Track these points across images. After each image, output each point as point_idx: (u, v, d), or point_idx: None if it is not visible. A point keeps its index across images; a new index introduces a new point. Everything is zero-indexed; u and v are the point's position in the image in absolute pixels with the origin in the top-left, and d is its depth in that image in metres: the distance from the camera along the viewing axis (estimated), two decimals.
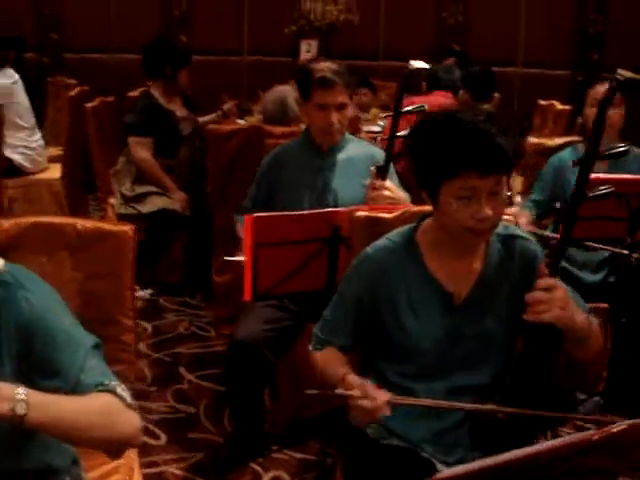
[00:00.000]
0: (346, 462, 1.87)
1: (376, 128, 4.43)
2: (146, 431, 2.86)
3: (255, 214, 2.16)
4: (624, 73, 1.52)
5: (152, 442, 2.81)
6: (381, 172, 2.43)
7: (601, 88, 3.02)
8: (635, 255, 2.88)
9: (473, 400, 1.78)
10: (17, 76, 4.75)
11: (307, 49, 4.54)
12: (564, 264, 3.09)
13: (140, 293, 4.09)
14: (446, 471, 0.99)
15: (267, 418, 2.79)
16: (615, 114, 2.99)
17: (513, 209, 3.05)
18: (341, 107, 2.62)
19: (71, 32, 5.80)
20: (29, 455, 1.51)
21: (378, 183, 2.46)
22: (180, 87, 4.18)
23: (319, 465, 2.61)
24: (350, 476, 1.84)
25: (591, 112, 3.02)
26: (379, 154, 2.70)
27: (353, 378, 1.66)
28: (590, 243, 2.69)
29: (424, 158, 1.70)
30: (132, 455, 1.91)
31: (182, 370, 3.36)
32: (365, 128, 4.27)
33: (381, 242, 1.84)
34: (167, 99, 4.13)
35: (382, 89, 5.53)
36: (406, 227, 1.84)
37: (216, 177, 3.49)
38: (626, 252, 2.80)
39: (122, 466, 1.87)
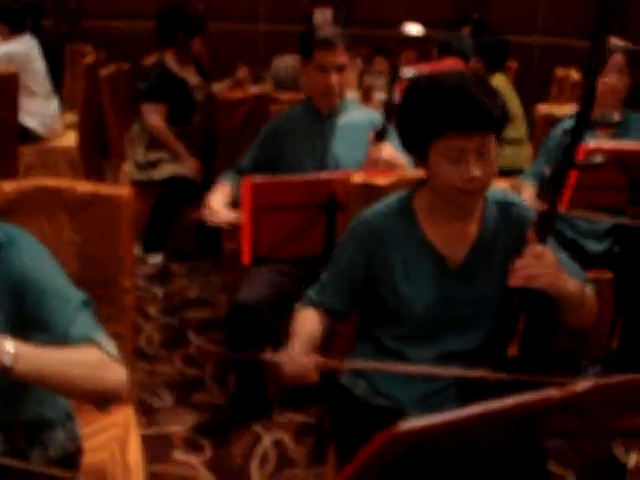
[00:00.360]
0: (334, 422, 1.91)
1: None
2: (152, 393, 2.95)
3: (255, 179, 2.18)
4: (617, 42, 1.51)
5: (157, 404, 2.88)
6: (380, 137, 2.45)
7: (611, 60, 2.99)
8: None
9: (463, 364, 1.81)
10: (34, 43, 4.79)
11: (321, 16, 4.53)
12: (568, 232, 3.10)
13: (152, 259, 4.16)
14: (407, 423, 1.02)
15: (269, 381, 2.84)
16: (616, 81, 2.95)
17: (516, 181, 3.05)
18: (340, 69, 2.65)
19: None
20: (24, 407, 1.57)
21: (376, 148, 2.48)
22: (193, 54, 4.19)
23: (317, 428, 2.66)
24: (338, 435, 1.89)
25: (603, 81, 2.99)
26: (379, 119, 2.71)
27: (295, 343, 1.72)
28: (580, 214, 2.69)
29: (411, 121, 1.72)
30: (129, 411, 1.98)
31: (190, 334, 3.42)
32: (377, 95, 4.26)
33: (377, 207, 1.86)
34: (180, 66, 4.15)
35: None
36: (403, 193, 1.86)
37: (225, 144, 3.51)
38: (629, 222, 2.82)
39: (118, 422, 1.93)
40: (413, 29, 2.41)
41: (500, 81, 4.29)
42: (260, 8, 5.72)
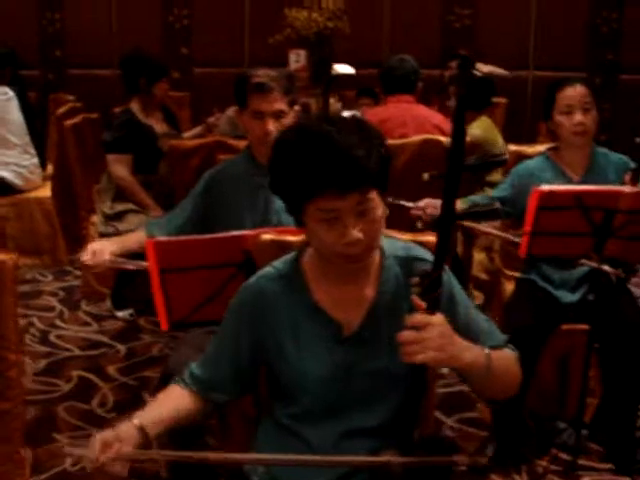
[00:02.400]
0: None
1: None
2: None
3: (157, 239, 2.01)
4: (482, 67, 1.32)
5: None
6: None
7: (572, 92, 2.79)
8: (615, 272, 2.66)
9: (370, 443, 1.61)
10: (12, 93, 4.73)
11: (296, 59, 4.41)
12: (539, 282, 2.87)
13: (119, 314, 4.01)
14: None
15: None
16: (582, 119, 2.74)
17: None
18: (278, 115, 2.48)
19: (74, 49, 5.79)
20: None
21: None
22: (158, 101, 4.07)
23: None
24: None
25: (563, 118, 2.78)
26: None
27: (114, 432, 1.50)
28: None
29: (280, 182, 1.54)
30: None
31: (146, 395, 3.24)
32: None
33: (264, 269, 1.68)
34: (145, 114, 4.03)
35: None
36: (291, 253, 1.68)
37: (181, 193, 3.35)
38: (607, 268, 2.58)
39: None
40: (343, 69, 2.24)
41: (483, 124, 4.09)
42: (245, 52, 5.64)
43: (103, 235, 3.92)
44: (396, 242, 1.67)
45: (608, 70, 5.38)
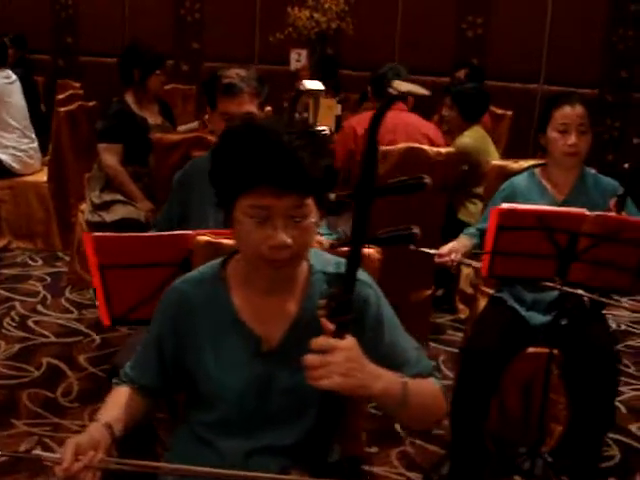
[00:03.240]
0: None
1: None
2: (47, 449, 2.73)
3: (96, 234, 1.98)
4: (398, 86, 1.26)
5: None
6: None
7: (570, 111, 2.65)
8: (588, 296, 2.58)
9: (283, 462, 1.56)
10: (14, 77, 4.75)
11: (297, 58, 4.37)
12: (510, 302, 2.80)
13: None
14: None
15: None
16: (576, 141, 2.62)
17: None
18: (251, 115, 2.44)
19: (86, 36, 5.81)
20: None
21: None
22: (152, 93, 4.03)
23: None
24: None
25: (556, 136, 2.66)
26: None
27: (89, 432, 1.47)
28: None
29: (219, 170, 1.49)
30: None
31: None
32: None
33: (190, 273, 1.64)
34: (140, 106, 4.00)
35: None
36: (218, 259, 1.63)
37: (163, 188, 3.33)
38: (580, 292, 2.51)
39: None
40: (311, 85, 2.20)
41: (475, 134, 4.02)
42: (255, 48, 5.61)
43: (90, 223, 3.92)
44: (328, 258, 1.61)
45: (620, 88, 5.25)
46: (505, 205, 2.23)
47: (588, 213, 2.22)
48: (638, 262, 2.32)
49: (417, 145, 3.30)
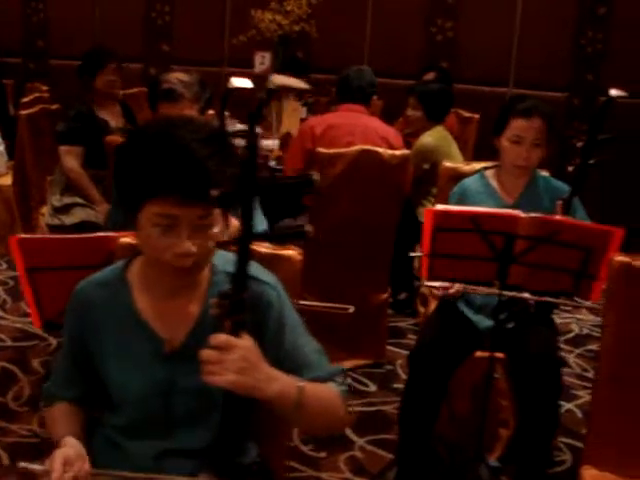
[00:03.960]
0: None
1: (271, 143, 4.16)
2: None
3: (22, 235, 1.96)
4: (275, 79, 1.25)
5: None
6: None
7: (527, 124, 2.58)
8: (534, 300, 2.57)
9: (193, 466, 1.54)
10: None
11: (261, 61, 4.35)
12: (460, 305, 2.79)
13: None
14: None
15: None
16: (528, 154, 2.61)
17: None
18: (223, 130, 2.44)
19: (56, 39, 5.79)
20: None
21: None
22: (101, 93, 3.99)
23: None
24: None
25: (509, 146, 2.63)
26: None
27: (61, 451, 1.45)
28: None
29: (125, 174, 1.46)
30: None
31: None
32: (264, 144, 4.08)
33: (95, 275, 1.62)
34: (101, 108, 3.99)
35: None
36: (121, 261, 1.62)
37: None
38: (527, 295, 2.50)
39: None
40: (239, 82, 2.18)
41: (437, 133, 4.01)
42: (225, 52, 5.58)
43: (50, 227, 3.90)
44: (231, 257, 1.59)
45: (587, 91, 5.24)
46: (439, 206, 2.22)
47: (523, 215, 2.20)
48: (579, 264, 2.30)
49: (371, 147, 3.29)
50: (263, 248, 1.82)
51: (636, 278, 2.03)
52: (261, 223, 2.42)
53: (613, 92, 2.41)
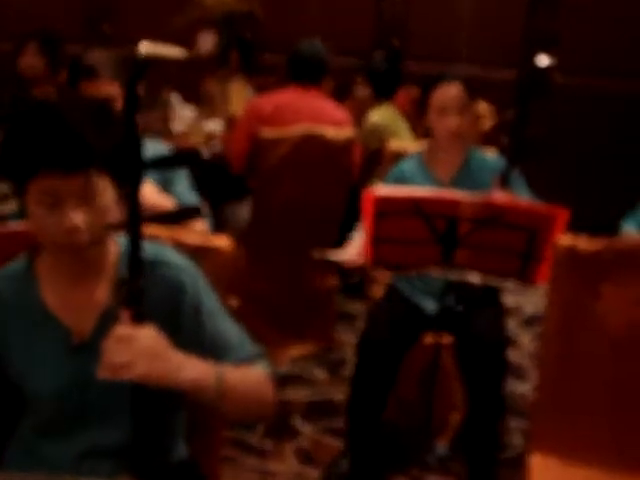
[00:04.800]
0: None
1: (215, 124, 4.06)
2: None
3: None
4: (145, 47, 1.16)
5: None
6: None
7: (446, 92, 2.60)
8: (480, 282, 2.52)
9: (115, 465, 1.46)
10: None
11: (204, 41, 4.23)
12: (406, 289, 2.72)
13: None
14: None
15: None
16: (457, 121, 2.59)
17: None
18: (108, 100, 2.32)
19: None
20: None
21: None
22: (25, 75, 3.84)
23: None
24: None
25: (436, 119, 2.62)
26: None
27: None
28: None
29: (6, 158, 1.36)
30: None
31: None
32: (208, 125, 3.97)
33: (3, 268, 1.52)
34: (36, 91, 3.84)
35: None
36: (28, 252, 1.52)
37: None
38: (474, 277, 2.44)
39: None
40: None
41: (384, 112, 3.93)
42: (172, 33, 5.38)
43: None
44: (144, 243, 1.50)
45: (538, 70, 5.19)
46: (379, 190, 2.14)
47: (466, 197, 2.13)
48: (526, 246, 2.24)
49: (315, 129, 3.19)
50: (190, 239, 1.73)
51: (580, 260, 1.98)
52: (189, 196, 2.32)
53: (541, 61, 2.34)
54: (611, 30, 5.15)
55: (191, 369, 1.32)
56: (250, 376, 1.44)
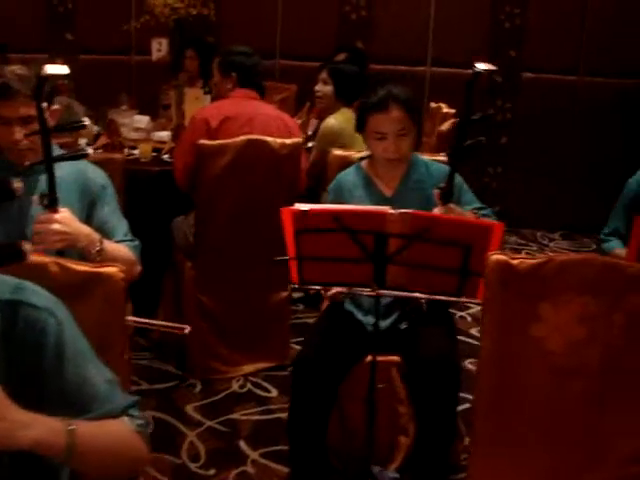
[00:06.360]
0: None
1: (165, 134, 3.93)
2: None
3: None
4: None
5: None
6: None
7: (384, 119, 2.42)
8: (424, 298, 2.40)
9: None
10: None
11: (158, 47, 4.10)
12: (348, 306, 2.60)
13: None
14: None
15: None
16: (396, 147, 2.45)
17: None
18: (26, 120, 2.17)
19: None
20: None
21: (43, 216, 2.02)
22: None
23: None
24: None
25: (374, 142, 2.48)
26: (94, 176, 2.28)
27: None
28: None
29: None
30: None
31: None
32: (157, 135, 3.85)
33: None
34: None
35: (278, 91, 5.04)
36: None
37: None
38: (420, 295, 2.31)
39: None
40: (54, 69, 1.94)
41: (343, 116, 3.79)
42: (132, 39, 5.25)
43: None
44: (7, 281, 1.36)
45: (509, 68, 5.08)
46: (297, 205, 2.01)
47: (391, 211, 2.00)
48: (462, 261, 2.11)
49: (258, 137, 3.07)
50: (80, 267, 1.61)
51: (514, 276, 1.85)
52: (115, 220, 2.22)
53: (479, 66, 2.21)
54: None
55: (36, 428, 1.17)
56: (113, 431, 1.30)
